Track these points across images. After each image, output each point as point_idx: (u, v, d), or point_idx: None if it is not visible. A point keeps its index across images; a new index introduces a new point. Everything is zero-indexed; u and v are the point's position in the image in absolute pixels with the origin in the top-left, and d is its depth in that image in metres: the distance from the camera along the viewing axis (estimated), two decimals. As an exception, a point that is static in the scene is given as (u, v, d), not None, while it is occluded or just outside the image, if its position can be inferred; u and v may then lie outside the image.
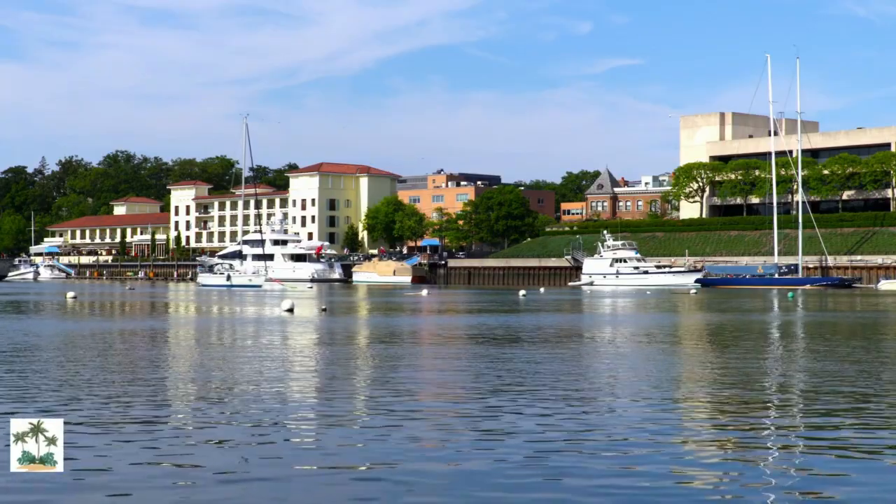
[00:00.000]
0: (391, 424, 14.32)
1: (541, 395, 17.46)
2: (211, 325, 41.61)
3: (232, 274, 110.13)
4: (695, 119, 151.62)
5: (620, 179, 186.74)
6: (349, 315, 48.84)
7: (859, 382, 19.29)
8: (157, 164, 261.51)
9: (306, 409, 16.13)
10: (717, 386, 18.92)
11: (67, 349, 26.32)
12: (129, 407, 15.86)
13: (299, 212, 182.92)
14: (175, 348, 28.11)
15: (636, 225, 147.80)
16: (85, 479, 10.83)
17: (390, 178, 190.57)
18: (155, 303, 65.05)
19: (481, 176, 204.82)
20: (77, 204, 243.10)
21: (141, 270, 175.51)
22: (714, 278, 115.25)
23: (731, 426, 14.55)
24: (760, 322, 42.70)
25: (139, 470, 11.38)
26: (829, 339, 31.65)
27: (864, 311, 52.71)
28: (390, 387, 18.64)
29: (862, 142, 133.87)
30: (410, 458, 12.08)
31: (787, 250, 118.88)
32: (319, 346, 28.87)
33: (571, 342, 30.11)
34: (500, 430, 13.84)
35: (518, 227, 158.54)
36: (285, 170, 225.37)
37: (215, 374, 20.73)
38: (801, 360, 23.98)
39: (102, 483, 10.73)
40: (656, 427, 14.18)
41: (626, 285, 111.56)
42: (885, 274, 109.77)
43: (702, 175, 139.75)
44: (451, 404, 16.64)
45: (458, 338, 32.24)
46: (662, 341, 30.47)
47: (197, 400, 16.95)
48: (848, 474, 11.36)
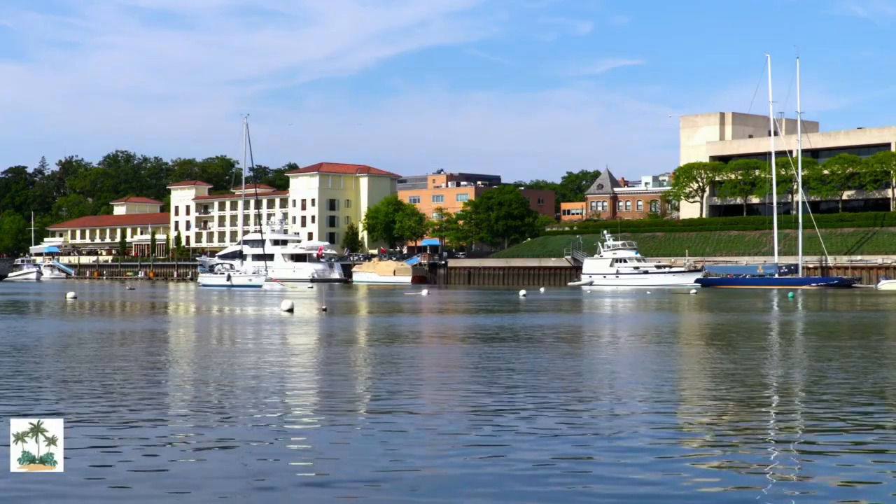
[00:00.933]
0: (391, 425, 14.31)
1: (542, 395, 17.45)
2: (210, 325, 41.59)
3: (232, 274, 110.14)
4: (695, 119, 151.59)
5: (620, 179, 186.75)
6: (349, 315, 48.83)
7: (859, 382, 19.28)
8: (157, 164, 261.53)
9: (306, 409, 16.12)
10: (717, 386, 18.91)
11: (68, 349, 26.30)
12: (129, 407, 15.84)
13: (299, 212, 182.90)
14: (175, 348, 28.10)
15: (636, 225, 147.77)
16: (85, 479, 10.83)
17: (390, 178, 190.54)
18: (155, 303, 65.04)
19: (481, 176, 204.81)
20: (77, 204, 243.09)
21: (141, 270, 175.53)
22: (714, 278, 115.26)
23: (732, 425, 14.54)
24: (760, 322, 42.69)
25: (139, 470, 11.36)
26: (829, 339, 31.65)
27: (864, 311, 52.68)
28: (390, 387, 18.63)
29: (862, 142, 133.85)
30: (412, 457, 12.07)
31: (787, 250, 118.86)
32: (319, 346, 28.86)
33: (575, 342, 30.09)
34: (501, 430, 13.82)
35: (518, 227, 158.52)
36: (285, 170, 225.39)
37: (214, 374, 20.72)
38: (801, 360, 23.98)
39: (102, 483, 10.72)
40: (657, 427, 14.17)
41: (626, 285, 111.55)
42: (885, 274, 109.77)
43: (702, 175, 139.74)
44: (451, 404, 16.62)
45: (459, 338, 32.23)
46: (663, 341, 30.46)
47: (197, 400, 16.94)
48: (850, 474, 11.36)
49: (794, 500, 10.28)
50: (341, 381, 19.91)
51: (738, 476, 11.28)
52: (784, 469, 11.68)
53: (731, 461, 12.06)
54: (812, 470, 11.66)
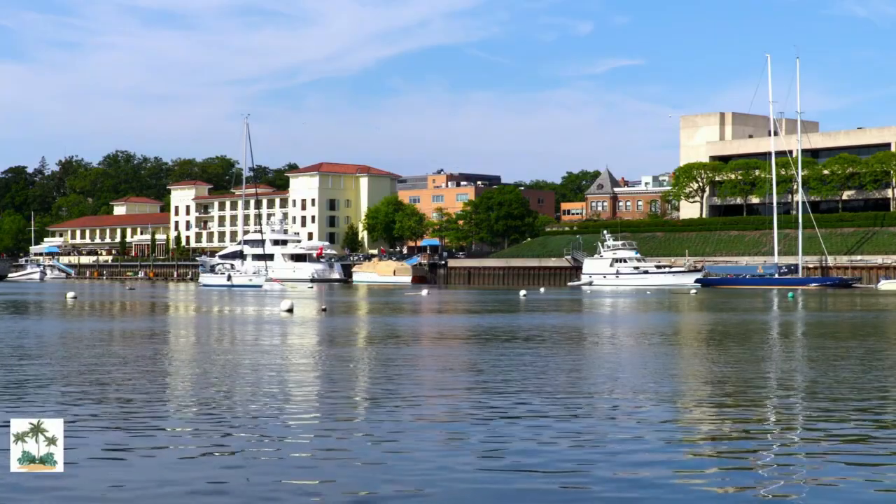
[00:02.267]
0: (391, 426, 14.31)
1: (542, 395, 17.45)
2: (210, 325, 41.59)
3: (233, 274, 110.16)
4: (695, 119, 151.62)
5: (620, 179, 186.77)
6: (349, 315, 48.82)
7: (858, 382, 19.28)
8: (157, 164, 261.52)
9: (306, 409, 16.10)
10: (717, 386, 18.91)
11: (68, 349, 26.30)
12: (128, 407, 15.84)
13: (299, 212, 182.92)
14: (174, 348, 28.09)
15: (636, 225, 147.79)
16: (85, 479, 10.82)
17: (390, 178, 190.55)
18: (155, 303, 65.03)
19: (481, 176, 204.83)
20: (77, 204, 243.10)
21: (141, 270, 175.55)
22: (714, 278, 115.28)
23: (731, 426, 14.54)
24: (760, 322, 42.69)
25: (139, 470, 11.36)
26: (828, 339, 31.66)
27: (864, 311, 52.68)
28: (389, 387, 18.63)
29: (862, 142, 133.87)
30: (411, 459, 12.08)
31: (787, 250, 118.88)
32: (318, 346, 28.86)
33: (577, 342, 30.09)
34: (501, 432, 13.82)
35: (518, 227, 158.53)
36: (285, 170, 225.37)
37: (214, 375, 20.71)
38: (801, 360, 23.99)
39: (102, 483, 10.72)
40: (657, 428, 14.17)
41: (626, 285, 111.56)
42: (885, 274, 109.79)
43: (702, 175, 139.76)
44: (451, 405, 16.61)
45: (460, 338, 32.23)
46: (662, 341, 30.47)
47: (197, 400, 16.94)
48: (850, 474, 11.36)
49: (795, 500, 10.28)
50: (341, 380, 19.90)
51: (738, 476, 11.29)
52: (785, 468, 11.68)
53: (732, 461, 12.07)
54: (813, 470, 11.65)
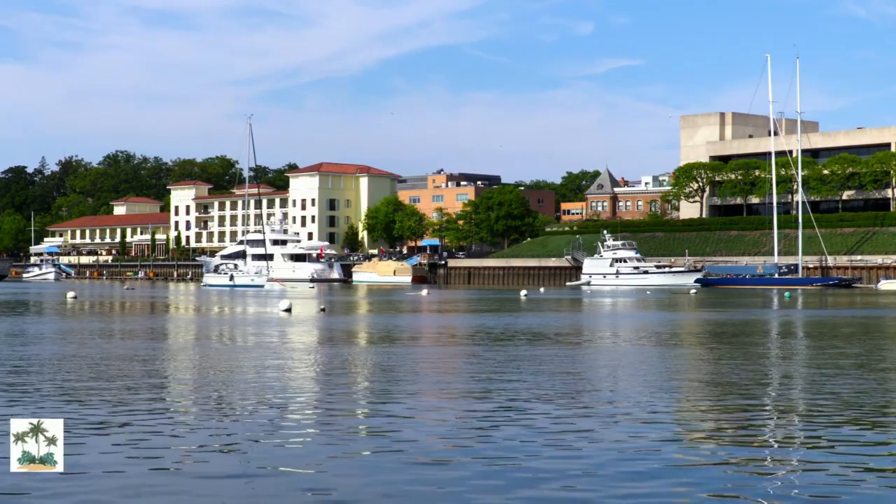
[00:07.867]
0: (390, 427, 14.32)
1: (543, 396, 17.45)
2: (209, 325, 41.58)
3: (235, 274, 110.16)
4: (695, 119, 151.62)
5: (620, 179, 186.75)
6: (348, 315, 48.82)
7: (858, 382, 19.28)
8: (157, 164, 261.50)
9: (305, 409, 16.10)
10: (717, 386, 18.91)
11: (68, 349, 26.31)
12: (128, 407, 15.84)
13: (299, 212, 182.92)
14: (174, 348, 28.10)
15: (636, 225, 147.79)
16: (85, 479, 10.83)
17: (390, 178, 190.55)
18: (155, 303, 65.03)
19: (481, 176, 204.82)
20: (77, 204, 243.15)
21: (141, 270, 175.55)
22: (714, 278, 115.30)
23: (730, 427, 14.55)
24: (760, 322, 42.70)
25: (139, 470, 11.37)
26: (828, 338, 31.66)
27: (864, 311, 52.70)
28: (389, 387, 18.63)
29: (862, 142, 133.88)
30: (411, 459, 12.08)
31: (787, 250, 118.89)
32: (317, 346, 28.86)
33: (579, 341, 30.10)
34: (502, 432, 13.82)
35: (518, 227, 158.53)
36: (285, 170, 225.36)
37: (213, 375, 20.73)
38: (801, 360, 24.00)
39: (102, 483, 10.73)
40: (657, 428, 14.18)
41: (626, 285, 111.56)
42: (885, 274, 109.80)
43: (702, 175, 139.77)
44: (451, 405, 16.62)
45: (460, 338, 32.23)
46: (662, 342, 30.48)
47: (196, 401, 16.95)
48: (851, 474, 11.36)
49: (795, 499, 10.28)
50: (340, 381, 19.91)
51: (738, 476, 11.29)
52: (785, 468, 11.69)
53: (732, 461, 12.07)
54: (812, 470, 11.65)
